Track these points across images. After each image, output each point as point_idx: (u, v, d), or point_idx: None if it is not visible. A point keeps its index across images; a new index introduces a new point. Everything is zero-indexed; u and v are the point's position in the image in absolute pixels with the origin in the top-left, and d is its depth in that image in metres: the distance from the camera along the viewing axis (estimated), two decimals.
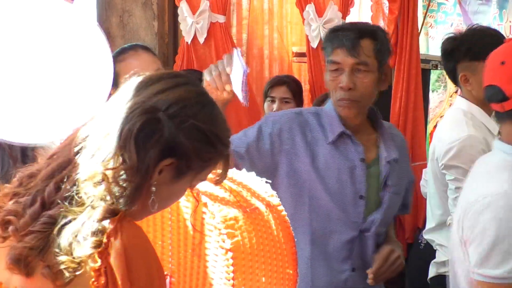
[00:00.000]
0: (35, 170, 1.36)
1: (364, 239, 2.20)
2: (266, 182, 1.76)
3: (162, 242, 1.58)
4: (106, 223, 1.22)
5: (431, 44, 5.70)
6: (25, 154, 1.76)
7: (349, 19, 4.01)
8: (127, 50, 2.44)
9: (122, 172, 1.25)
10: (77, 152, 1.30)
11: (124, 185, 1.25)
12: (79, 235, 1.22)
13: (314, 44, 3.73)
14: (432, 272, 2.90)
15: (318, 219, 2.17)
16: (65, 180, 1.28)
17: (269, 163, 2.15)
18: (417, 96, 4.05)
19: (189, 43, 4.04)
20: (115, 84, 2.38)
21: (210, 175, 1.44)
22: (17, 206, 1.31)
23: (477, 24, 3.04)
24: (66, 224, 1.24)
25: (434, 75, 5.15)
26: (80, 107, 1.59)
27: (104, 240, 1.21)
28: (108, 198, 1.24)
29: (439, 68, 4.65)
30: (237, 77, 1.84)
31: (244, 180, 1.69)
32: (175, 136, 1.28)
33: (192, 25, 4.00)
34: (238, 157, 2.09)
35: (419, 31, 4.47)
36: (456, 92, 4.62)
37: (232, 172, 1.67)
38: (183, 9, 3.98)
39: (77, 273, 1.22)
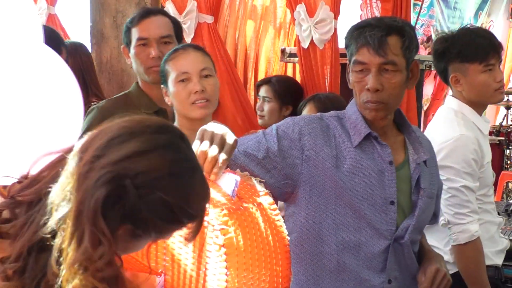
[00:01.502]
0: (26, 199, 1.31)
1: (399, 248, 2.06)
2: (260, 181, 1.76)
3: None
4: None
5: None
6: None
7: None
8: (178, 49, 2.47)
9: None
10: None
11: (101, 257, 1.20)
12: None
13: (305, 45, 3.72)
14: None
15: (346, 229, 2.03)
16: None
17: (290, 170, 2.01)
18: (410, 97, 4.05)
19: None
20: (165, 82, 2.42)
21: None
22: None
23: (470, 24, 3.04)
24: None
25: None
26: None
27: None
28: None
29: (432, 69, 4.66)
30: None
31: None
32: (137, 207, 1.21)
33: None
34: (255, 163, 1.96)
35: None
36: None
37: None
38: (169, 9, 3.97)
39: None
